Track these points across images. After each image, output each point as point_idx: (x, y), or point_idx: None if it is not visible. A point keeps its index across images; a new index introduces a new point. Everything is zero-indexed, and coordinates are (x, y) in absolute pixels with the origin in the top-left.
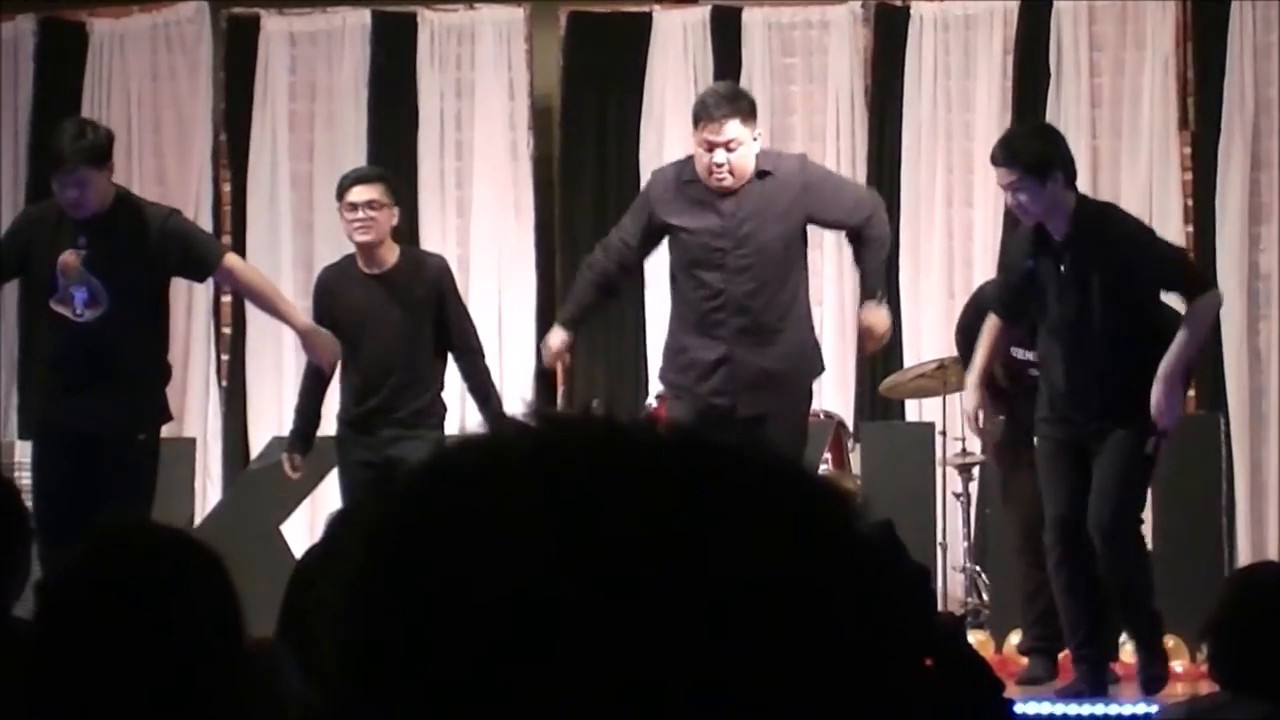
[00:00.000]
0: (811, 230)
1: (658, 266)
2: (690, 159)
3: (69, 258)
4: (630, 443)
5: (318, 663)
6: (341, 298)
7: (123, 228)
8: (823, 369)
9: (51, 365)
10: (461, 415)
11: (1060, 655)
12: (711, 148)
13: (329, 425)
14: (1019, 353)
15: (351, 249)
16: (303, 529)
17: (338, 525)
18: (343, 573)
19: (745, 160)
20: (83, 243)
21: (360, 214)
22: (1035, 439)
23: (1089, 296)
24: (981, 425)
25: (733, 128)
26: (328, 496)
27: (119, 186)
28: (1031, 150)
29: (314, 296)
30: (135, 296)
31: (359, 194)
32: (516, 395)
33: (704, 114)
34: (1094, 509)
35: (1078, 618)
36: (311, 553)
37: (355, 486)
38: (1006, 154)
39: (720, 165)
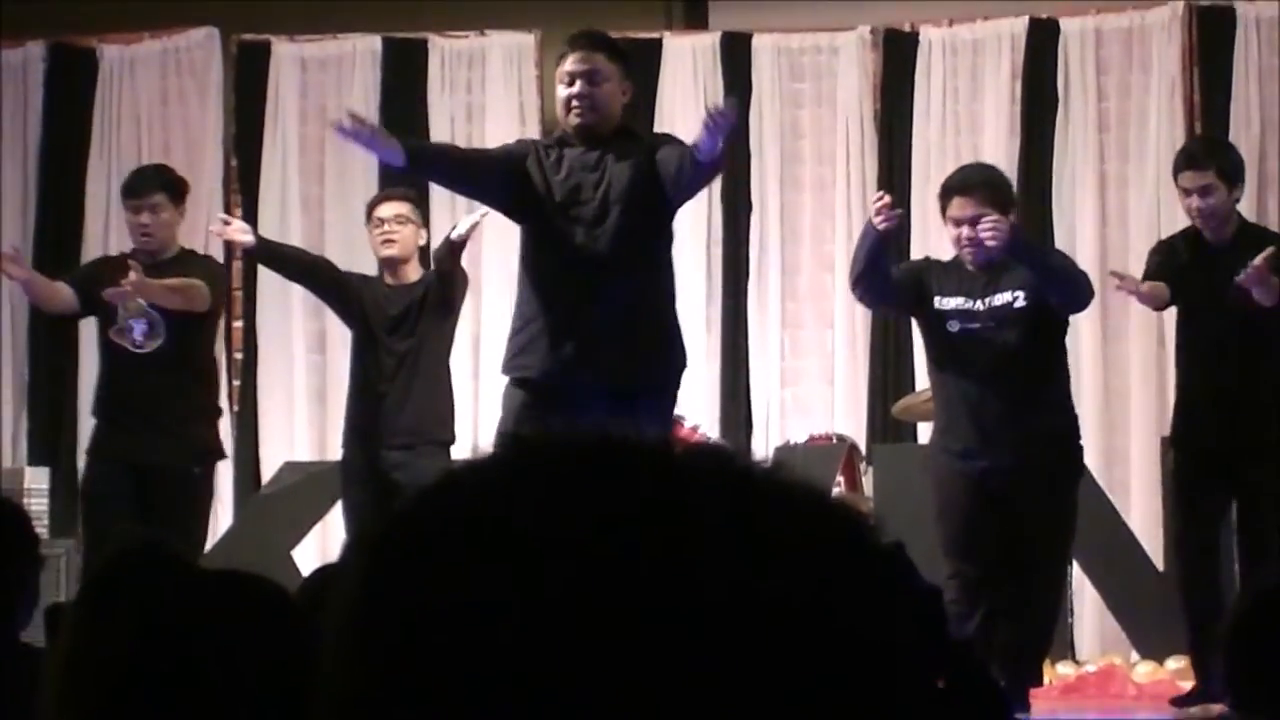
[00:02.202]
0: (820, 252)
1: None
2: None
3: (115, 293)
4: (641, 465)
5: (319, 685)
6: (366, 302)
7: (182, 271)
8: (683, 364)
9: (107, 395)
10: (474, 437)
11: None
12: (572, 80)
13: (339, 451)
14: (941, 301)
15: (367, 271)
16: (314, 554)
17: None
18: (345, 597)
19: (609, 99)
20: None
21: (385, 227)
22: (1178, 456)
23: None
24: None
25: (598, 60)
26: (340, 521)
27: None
28: (1230, 156)
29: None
30: (190, 332)
31: (385, 209)
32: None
33: (567, 45)
34: (1245, 527)
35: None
36: (319, 573)
37: (356, 520)
38: (1206, 156)
39: (582, 97)
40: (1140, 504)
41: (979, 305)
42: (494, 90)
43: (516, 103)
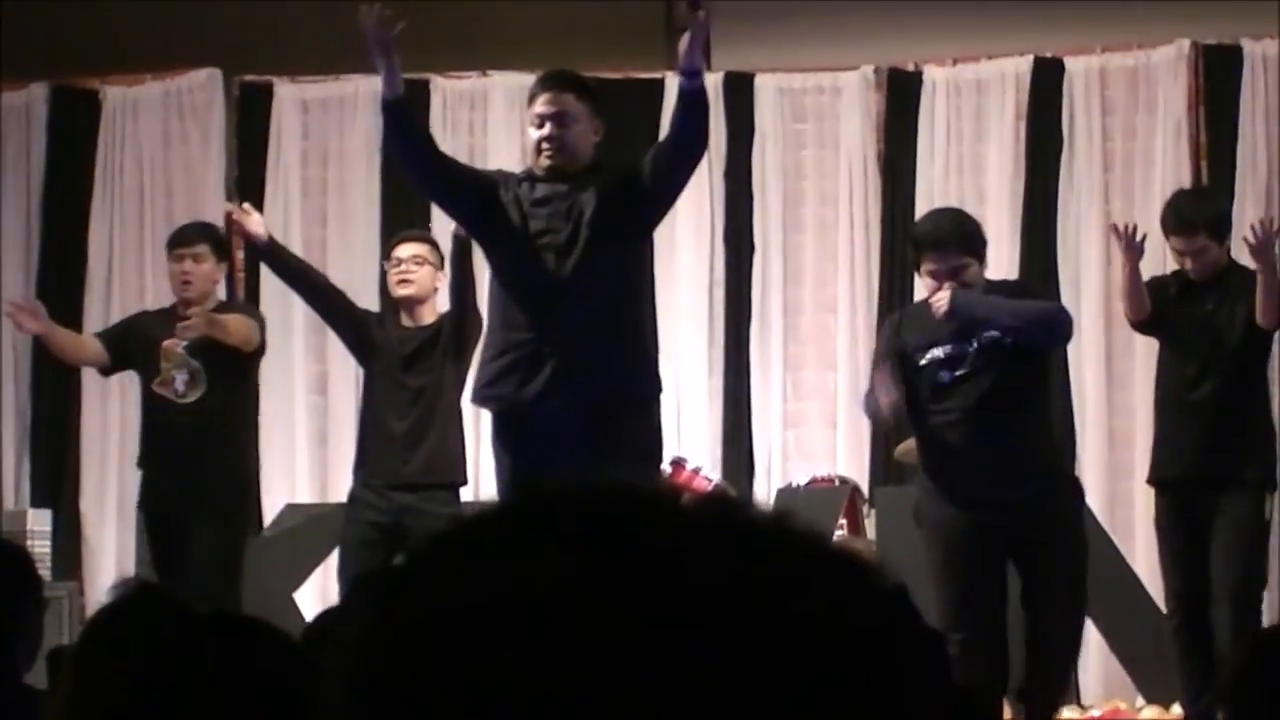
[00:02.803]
0: (823, 294)
1: (662, 305)
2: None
3: (170, 344)
4: (648, 516)
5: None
6: (378, 339)
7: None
8: (658, 387)
9: (150, 447)
10: (477, 482)
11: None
12: (542, 122)
13: (343, 493)
14: (927, 355)
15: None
16: (316, 596)
17: (353, 592)
18: (351, 631)
19: (580, 140)
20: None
21: (402, 267)
22: (1158, 497)
23: (1230, 334)
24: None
25: (567, 100)
26: None
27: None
28: (1215, 211)
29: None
30: (232, 380)
31: (404, 250)
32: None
33: (536, 87)
34: (1222, 577)
35: (1190, 678)
36: (322, 616)
37: (354, 561)
38: (1194, 218)
39: (551, 139)
40: (1145, 548)
41: (969, 348)
42: (496, 131)
43: (519, 144)
